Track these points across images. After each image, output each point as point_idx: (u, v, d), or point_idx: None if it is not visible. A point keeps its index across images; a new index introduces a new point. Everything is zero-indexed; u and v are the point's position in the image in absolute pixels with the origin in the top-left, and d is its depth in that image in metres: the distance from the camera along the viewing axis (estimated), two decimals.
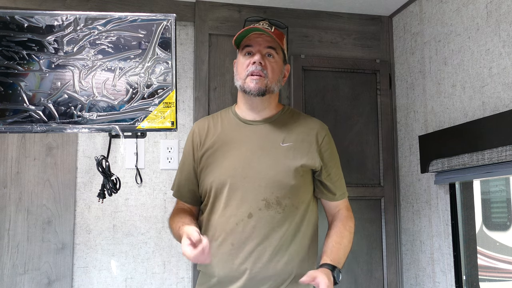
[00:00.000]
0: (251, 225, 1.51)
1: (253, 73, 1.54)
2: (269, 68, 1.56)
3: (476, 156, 1.77)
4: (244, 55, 1.58)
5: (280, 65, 1.61)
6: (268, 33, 1.54)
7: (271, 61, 1.57)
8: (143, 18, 1.48)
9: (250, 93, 1.55)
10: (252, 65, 1.54)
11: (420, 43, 2.23)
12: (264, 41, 1.56)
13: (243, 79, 1.56)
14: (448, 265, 2.00)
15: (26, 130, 1.42)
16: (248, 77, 1.55)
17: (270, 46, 1.57)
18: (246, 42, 1.58)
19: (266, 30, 1.55)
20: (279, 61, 1.60)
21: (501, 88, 1.71)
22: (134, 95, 1.46)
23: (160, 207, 2.20)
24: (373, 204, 2.39)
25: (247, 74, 1.55)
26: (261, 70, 1.54)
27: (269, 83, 1.56)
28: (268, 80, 1.55)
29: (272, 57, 1.58)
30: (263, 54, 1.56)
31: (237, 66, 1.62)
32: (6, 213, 2.06)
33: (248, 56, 1.57)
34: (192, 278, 2.16)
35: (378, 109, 2.45)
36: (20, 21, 1.44)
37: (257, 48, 1.56)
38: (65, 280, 2.07)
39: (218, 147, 1.60)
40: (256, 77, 1.54)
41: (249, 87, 1.54)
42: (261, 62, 1.54)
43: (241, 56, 1.60)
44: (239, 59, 1.61)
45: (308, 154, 1.58)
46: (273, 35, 1.55)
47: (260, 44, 1.56)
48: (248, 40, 1.58)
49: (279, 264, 1.51)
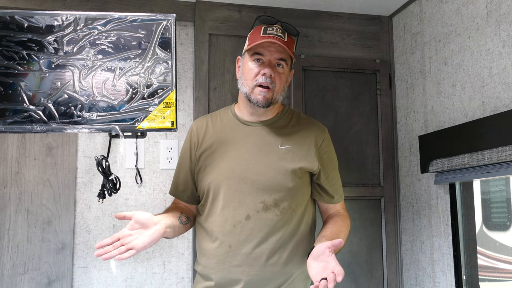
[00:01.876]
0: (249, 227, 1.51)
1: (261, 84, 1.51)
2: (277, 80, 1.53)
3: (476, 156, 1.77)
4: (253, 60, 1.54)
5: (287, 75, 1.58)
6: (282, 46, 1.52)
7: (279, 72, 1.54)
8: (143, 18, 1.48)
9: (257, 105, 1.54)
10: (262, 75, 1.52)
11: (420, 43, 2.23)
12: (276, 51, 1.53)
13: (250, 88, 1.53)
14: (448, 265, 2.00)
15: (26, 130, 1.42)
16: (256, 87, 1.52)
17: (281, 58, 1.54)
18: (257, 48, 1.54)
19: (281, 42, 1.52)
20: (286, 71, 1.57)
21: (501, 88, 1.71)
22: (134, 95, 1.46)
23: (160, 207, 2.20)
24: (373, 204, 2.39)
25: (255, 84, 1.52)
26: (270, 82, 1.51)
27: (275, 95, 1.54)
28: (275, 93, 1.54)
29: (281, 67, 1.55)
30: (272, 64, 1.53)
31: (244, 69, 1.57)
32: (6, 213, 2.06)
33: (258, 63, 1.53)
34: (192, 278, 2.16)
35: (378, 109, 2.45)
36: (20, 21, 1.44)
37: (268, 57, 1.53)
38: (65, 280, 2.07)
39: (216, 148, 1.59)
40: (265, 89, 1.51)
41: (256, 99, 1.52)
42: (272, 74, 1.51)
43: (250, 61, 1.55)
44: (246, 62, 1.56)
45: (306, 157, 1.57)
46: (286, 48, 1.52)
47: (271, 54, 1.53)
48: (260, 48, 1.53)
49: (277, 266, 1.51)
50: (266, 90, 1.52)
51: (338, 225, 1.57)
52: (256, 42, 1.52)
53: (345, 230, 1.57)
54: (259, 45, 1.53)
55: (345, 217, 1.63)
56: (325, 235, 1.49)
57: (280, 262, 1.51)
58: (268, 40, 1.51)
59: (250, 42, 1.55)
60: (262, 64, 1.53)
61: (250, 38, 1.58)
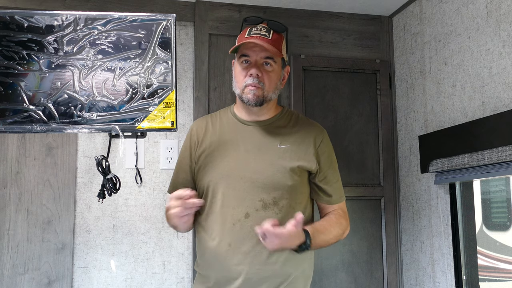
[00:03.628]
0: (248, 226, 1.51)
1: (250, 85, 1.54)
2: (266, 78, 1.55)
3: (476, 156, 1.77)
4: (241, 62, 1.57)
5: (278, 72, 1.59)
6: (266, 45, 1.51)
7: (268, 70, 1.55)
8: (143, 18, 1.48)
9: (248, 104, 1.56)
10: (249, 77, 1.54)
11: (420, 43, 2.23)
12: (261, 50, 1.54)
13: (241, 89, 1.56)
14: (448, 265, 2.00)
15: (26, 130, 1.42)
16: (246, 88, 1.55)
17: (267, 56, 1.55)
18: (242, 50, 1.56)
19: (264, 41, 1.52)
20: (276, 68, 1.57)
21: (501, 88, 1.71)
22: (134, 95, 1.46)
23: (160, 207, 2.20)
24: (373, 204, 2.39)
25: (245, 85, 1.55)
26: (258, 82, 1.53)
27: (266, 93, 1.55)
28: (265, 91, 1.55)
29: (270, 65, 1.56)
30: (259, 64, 1.55)
31: (235, 72, 1.61)
32: (6, 213, 2.06)
33: (245, 65, 1.56)
34: (192, 278, 2.16)
35: (378, 109, 2.45)
36: (20, 21, 1.44)
37: (254, 58, 1.54)
38: (65, 280, 2.07)
39: (216, 147, 1.60)
40: (253, 88, 1.53)
41: (247, 97, 1.55)
42: (258, 74, 1.53)
43: (238, 64, 1.58)
44: (236, 65, 1.60)
45: (305, 156, 1.58)
46: (270, 46, 1.52)
47: (257, 54, 1.54)
48: (245, 49, 1.55)
49: (276, 265, 1.51)
50: (255, 88, 1.53)
51: (330, 221, 1.59)
52: (239, 43, 1.55)
53: (336, 226, 1.58)
54: (243, 46, 1.55)
55: (340, 216, 1.63)
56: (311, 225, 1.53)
57: (279, 261, 1.51)
58: (250, 40, 1.52)
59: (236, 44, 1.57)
60: (249, 65, 1.55)
61: (237, 41, 1.60)
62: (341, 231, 1.61)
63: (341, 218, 1.63)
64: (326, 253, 2.30)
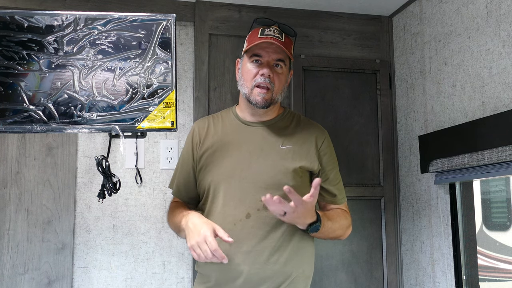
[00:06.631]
0: (249, 225, 1.51)
1: (260, 84, 1.54)
2: (276, 80, 1.56)
3: (476, 156, 1.77)
4: (252, 62, 1.57)
5: (286, 75, 1.61)
6: (280, 46, 1.53)
7: (278, 72, 1.57)
8: (143, 18, 1.48)
9: (256, 106, 1.56)
10: (260, 76, 1.54)
11: (420, 43, 2.23)
12: (274, 52, 1.55)
13: (249, 89, 1.56)
14: (448, 265, 2.00)
15: (26, 130, 1.42)
16: (255, 88, 1.55)
17: (279, 58, 1.56)
18: (256, 50, 1.56)
19: (278, 42, 1.53)
20: (285, 71, 1.59)
21: (501, 88, 1.71)
22: (134, 95, 1.46)
23: (160, 207, 2.20)
24: (373, 204, 2.39)
25: (254, 84, 1.55)
26: (269, 82, 1.54)
27: (274, 95, 1.57)
28: (274, 93, 1.56)
29: (280, 67, 1.57)
30: (271, 65, 1.56)
31: (243, 70, 1.60)
32: (6, 213, 2.06)
33: (256, 64, 1.56)
34: (192, 278, 2.16)
35: (378, 109, 2.45)
36: (20, 21, 1.44)
37: (266, 58, 1.55)
38: (65, 280, 2.07)
39: (217, 147, 1.60)
40: (263, 90, 1.54)
41: (255, 100, 1.55)
42: (270, 74, 1.54)
43: (248, 62, 1.58)
44: (245, 64, 1.59)
45: (307, 157, 1.58)
46: (284, 48, 1.54)
47: (269, 55, 1.55)
48: (258, 49, 1.56)
49: (276, 265, 1.51)
50: (265, 91, 1.54)
51: (337, 212, 1.62)
52: (254, 43, 1.54)
53: (342, 218, 1.61)
54: (257, 46, 1.55)
55: (345, 212, 1.66)
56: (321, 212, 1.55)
57: (280, 261, 1.51)
58: (266, 40, 1.53)
59: (248, 43, 1.58)
60: (260, 65, 1.56)
61: (248, 40, 1.60)
62: (347, 223, 1.63)
63: (346, 213, 1.65)
64: (326, 253, 2.30)
